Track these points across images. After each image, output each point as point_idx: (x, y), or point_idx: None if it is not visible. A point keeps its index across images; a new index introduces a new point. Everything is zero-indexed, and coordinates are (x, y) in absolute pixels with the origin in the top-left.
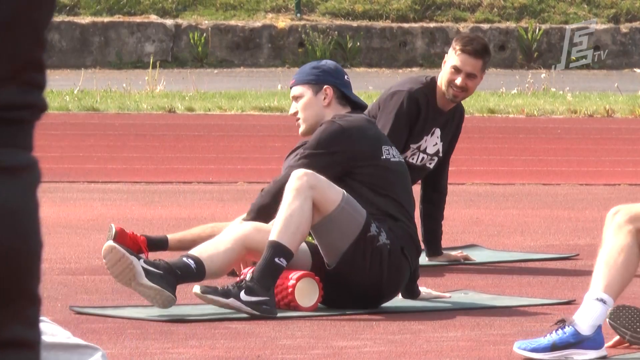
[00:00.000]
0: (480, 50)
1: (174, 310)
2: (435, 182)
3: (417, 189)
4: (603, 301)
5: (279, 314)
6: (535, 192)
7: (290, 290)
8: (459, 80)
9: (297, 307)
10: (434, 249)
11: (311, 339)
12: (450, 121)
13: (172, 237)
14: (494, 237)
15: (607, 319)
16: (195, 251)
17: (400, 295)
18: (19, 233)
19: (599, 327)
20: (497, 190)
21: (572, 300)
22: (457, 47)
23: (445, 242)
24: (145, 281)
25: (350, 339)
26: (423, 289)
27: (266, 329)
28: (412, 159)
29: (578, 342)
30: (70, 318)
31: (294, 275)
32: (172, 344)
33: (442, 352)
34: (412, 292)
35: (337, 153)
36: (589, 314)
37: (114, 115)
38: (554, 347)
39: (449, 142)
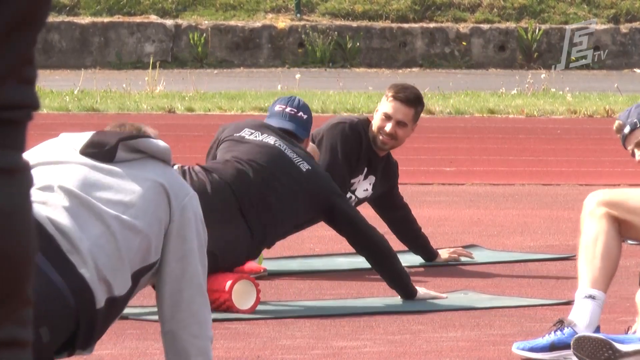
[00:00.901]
0: (413, 99)
1: None
2: (391, 215)
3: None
4: (592, 297)
5: (278, 315)
6: (535, 193)
7: (227, 293)
8: (388, 127)
9: (234, 310)
10: (428, 254)
11: (311, 339)
12: (384, 171)
13: None
14: (493, 237)
15: (572, 350)
16: None
17: (399, 297)
18: (13, 235)
19: (597, 328)
20: (497, 190)
21: (572, 301)
22: (390, 94)
23: (445, 242)
24: None
25: (350, 339)
26: (421, 290)
27: (266, 329)
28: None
29: None
30: None
31: (230, 278)
32: None
33: (441, 353)
34: (408, 293)
35: (212, 144)
36: (582, 313)
37: (114, 116)
38: (552, 347)
39: (376, 192)
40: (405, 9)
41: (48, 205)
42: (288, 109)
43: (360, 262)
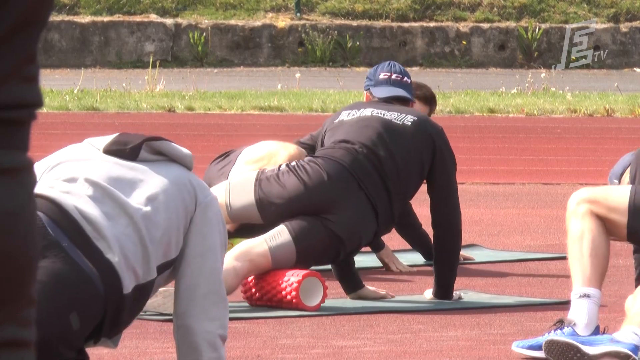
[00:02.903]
0: (429, 97)
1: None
2: None
3: None
4: (587, 295)
5: (278, 314)
6: (535, 192)
7: (294, 290)
8: None
9: (301, 307)
10: (428, 252)
11: (311, 339)
12: None
13: None
14: (493, 236)
15: (543, 352)
16: None
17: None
18: (16, 236)
19: (597, 328)
20: (497, 189)
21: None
22: None
23: None
24: None
25: (350, 338)
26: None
27: (266, 329)
28: None
29: None
30: None
31: (298, 274)
32: (172, 343)
33: (442, 352)
34: (445, 294)
35: (317, 138)
36: (579, 312)
37: (114, 115)
38: None
39: None
40: (406, 8)
41: (73, 194)
42: (394, 76)
43: (361, 261)
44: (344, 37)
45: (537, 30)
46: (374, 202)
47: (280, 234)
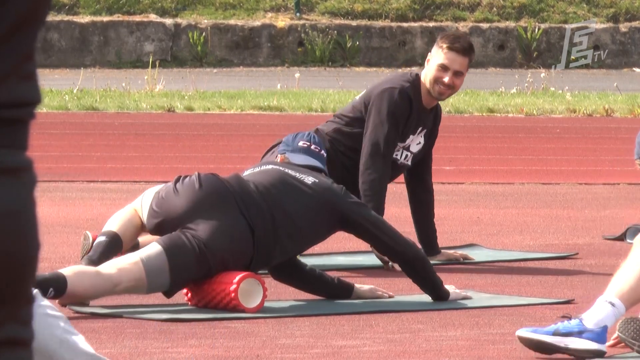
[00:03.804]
0: (467, 48)
1: (174, 310)
2: (422, 182)
3: (393, 189)
4: (612, 304)
5: (277, 314)
6: (535, 192)
7: (233, 292)
8: (446, 78)
9: (241, 309)
10: (431, 248)
11: (310, 338)
12: (432, 120)
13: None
14: (493, 236)
15: (617, 331)
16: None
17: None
18: (18, 235)
19: (605, 327)
20: (497, 189)
21: (571, 300)
22: (444, 45)
23: (444, 242)
24: None
25: (349, 338)
26: (451, 288)
27: (265, 329)
28: (397, 156)
29: (580, 332)
30: (69, 317)
31: (236, 276)
32: (171, 343)
33: (441, 351)
34: (440, 296)
35: None
36: (596, 313)
37: (113, 115)
38: (556, 333)
39: (428, 141)
40: (405, 8)
41: None
42: (313, 147)
43: (360, 260)
44: (344, 37)
45: (536, 30)
46: (255, 230)
47: (151, 247)
